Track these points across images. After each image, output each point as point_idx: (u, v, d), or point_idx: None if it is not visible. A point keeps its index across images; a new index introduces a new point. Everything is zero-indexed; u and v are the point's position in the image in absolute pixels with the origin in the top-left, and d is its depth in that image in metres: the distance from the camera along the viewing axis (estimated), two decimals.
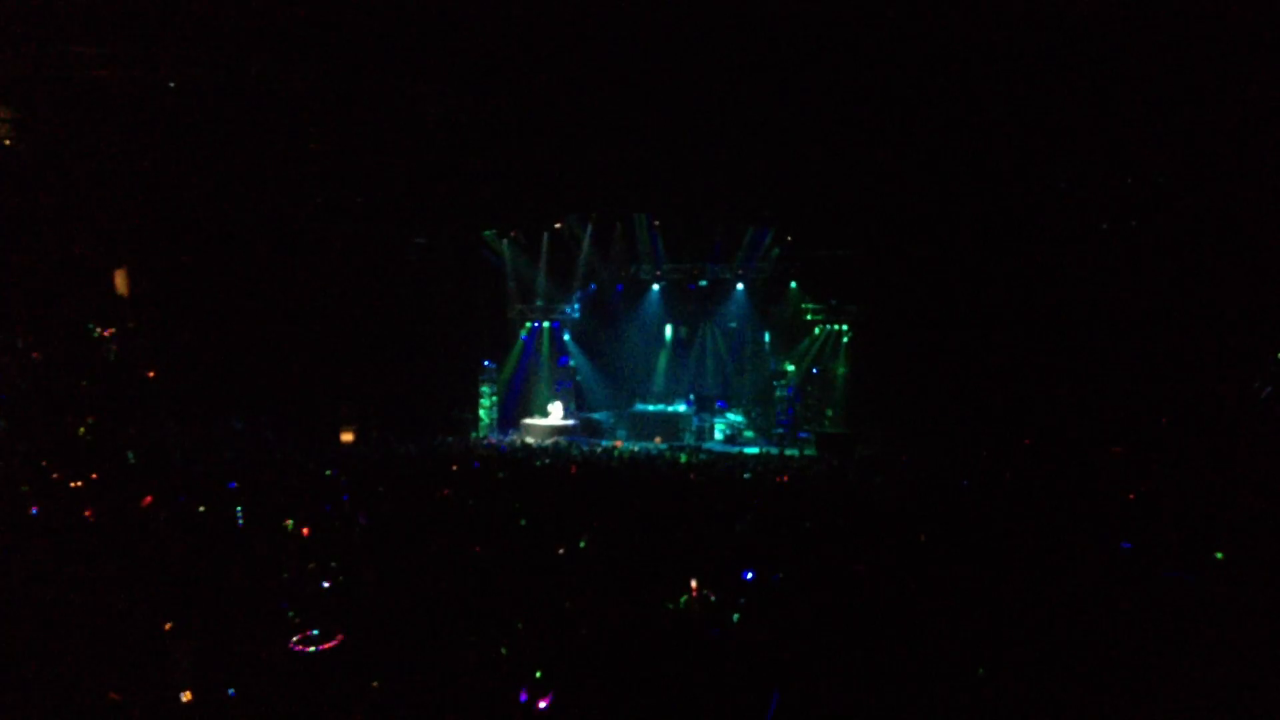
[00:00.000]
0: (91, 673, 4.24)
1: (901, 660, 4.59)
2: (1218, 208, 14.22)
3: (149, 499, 8.35)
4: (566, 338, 23.64)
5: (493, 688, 4.20)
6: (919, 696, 4.17)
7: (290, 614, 5.13)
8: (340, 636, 4.75)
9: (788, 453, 18.22)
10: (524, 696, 4.05)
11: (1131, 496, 10.04)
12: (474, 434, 21.21)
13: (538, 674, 4.24)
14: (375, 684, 4.21)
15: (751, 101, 15.74)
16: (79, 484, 9.55)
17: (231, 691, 4.06)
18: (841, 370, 20.96)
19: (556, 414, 21.97)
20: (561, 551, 7.05)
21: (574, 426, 21.69)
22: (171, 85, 15.83)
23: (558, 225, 22.33)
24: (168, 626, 4.84)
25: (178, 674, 4.27)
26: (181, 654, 4.41)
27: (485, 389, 22.01)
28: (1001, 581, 5.99)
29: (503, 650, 4.63)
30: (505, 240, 22.69)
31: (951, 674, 4.38)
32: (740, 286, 22.24)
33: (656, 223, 21.93)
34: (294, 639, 4.70)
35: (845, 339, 20.97)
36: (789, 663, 4.57)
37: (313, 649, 4.66)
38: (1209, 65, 12.46)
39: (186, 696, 4.08)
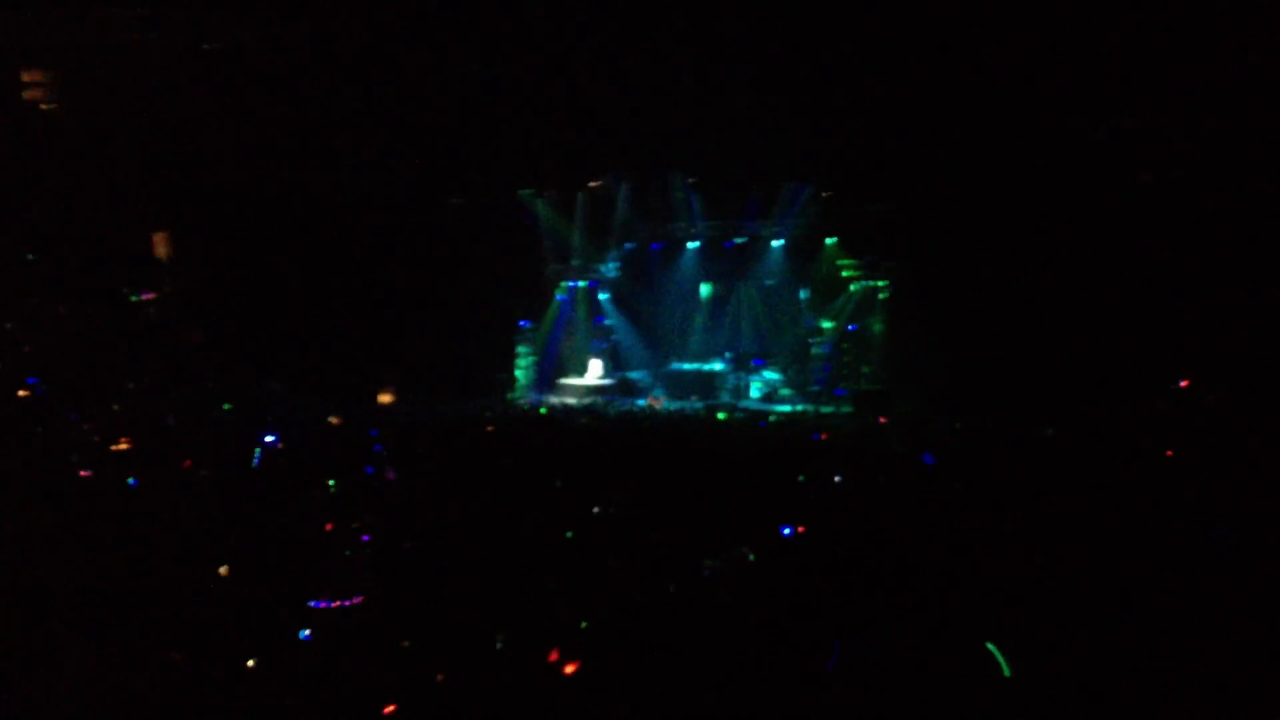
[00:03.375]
0: (138, 634, 4.33)
1: (937, 616, 4.57)
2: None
3: (189, 462, 8.50)
4: (603, 297, 23.54)
5: (526, 645, 4.24)
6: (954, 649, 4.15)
7: (329, 571, 5.20)
8: (368, 594, 4.82)
9: (823, 410, 18.10)
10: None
11: (1170, 454, 9.85)
12: (510, 394, 21.30)
13: (583, 624, 4.27)
14: (405, 643, 4.26)
15: (788, 55, 15.42)
16: (122, 447, 9.74)
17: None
18: (879, 327, 20.66)
19: (594, 373, 22.02)
20: (597, 510, 7.08)
21: (611, 386, 21.72)
22: (207, 48, 15.86)
23: (593, 184, 22.15)
24: (223, 571, 4.93)
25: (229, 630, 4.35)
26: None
27: (522, 349, 22.08)
28: (1036, 541, 5.92)
29: (536, 609, 4.66)
30: (541, 200, 22.57)
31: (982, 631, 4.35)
32: (777, 243, 21.96)
33: (692, 180, 21.66)
34: (327, 595, 4.78)
35: (882, 295, 20.64)
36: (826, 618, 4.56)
37: (345, 604, 4.73)
38: None
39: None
